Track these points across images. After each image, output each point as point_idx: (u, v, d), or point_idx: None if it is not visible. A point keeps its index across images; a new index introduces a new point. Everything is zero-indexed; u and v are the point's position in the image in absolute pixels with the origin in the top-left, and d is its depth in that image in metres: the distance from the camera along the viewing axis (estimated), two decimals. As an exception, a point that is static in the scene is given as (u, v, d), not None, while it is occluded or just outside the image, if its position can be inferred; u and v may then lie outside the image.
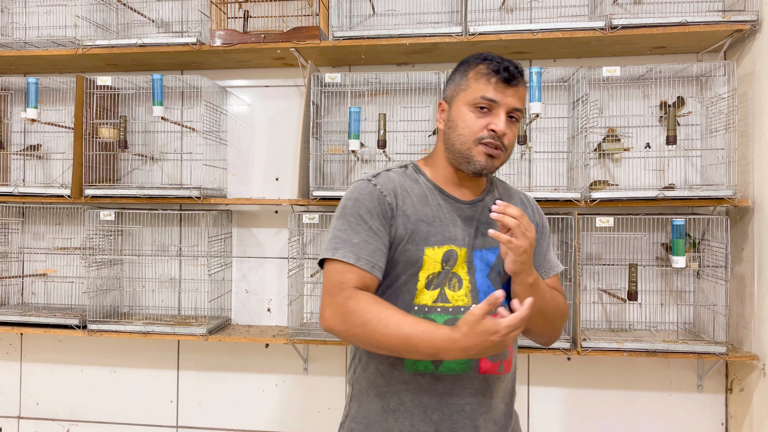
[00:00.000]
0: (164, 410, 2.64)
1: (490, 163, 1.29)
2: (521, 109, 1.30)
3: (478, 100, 1.27)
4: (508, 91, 1.27)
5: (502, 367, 1.33)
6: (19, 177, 2.74)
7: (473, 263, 1.32)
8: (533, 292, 1.25)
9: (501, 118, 1.26)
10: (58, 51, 2.41)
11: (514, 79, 1.28)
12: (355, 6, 2.51)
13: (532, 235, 1.21)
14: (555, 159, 2.42)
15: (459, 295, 1.30)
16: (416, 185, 1.36)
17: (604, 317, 2.39)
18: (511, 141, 1.30)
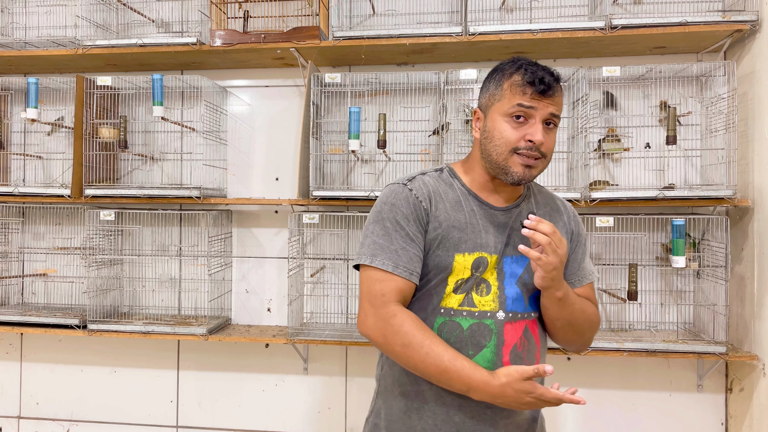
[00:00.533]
0: (164, 410, 2.65)
1: (528, 173, 1.28)
2: (558, 116, 1.29)
3: (515, 109, 1.27)
4: (545, 101, 1.27)
5: None
6: (19, 177, 2.74)
7: (503, 270, 1.32)
8: (562, 306, 1.28)
9: (538, 128, 1.26)
10: (58, 51, 2.42)
11: (548, 88, 1.26)
12: (355, 6, 2.51)
13: (563, 252, 1.22)
14: (555, 159, 2.42)
15: (486, 300, 1.30)
16: (451, 190, 1.36)
17: (604, 317, 2.39)
18: (550, 147, 1.29)
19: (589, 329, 1.37)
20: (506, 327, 1.30)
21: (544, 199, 1.44)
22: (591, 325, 1.37)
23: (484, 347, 1.28)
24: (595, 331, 1.39)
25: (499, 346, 1.29)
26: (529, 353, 1.33)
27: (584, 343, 1.40)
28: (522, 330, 1.32)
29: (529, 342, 1.33)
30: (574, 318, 1.32)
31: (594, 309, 1.39)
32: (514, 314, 1.31)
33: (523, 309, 1.33)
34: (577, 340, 1.38)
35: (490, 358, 1.28)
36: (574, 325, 1.33)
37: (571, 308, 1.30)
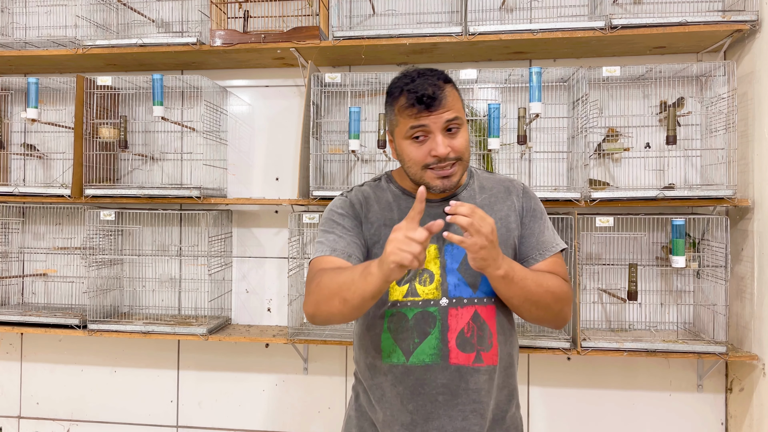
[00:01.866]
0: (164, 410, 2.65)
1: (448, 182, 1.32)
2: (454, 119, 1.30)
3: (411, 132, 1.30)
4: (435, 113, 1.29)
5: (479, 358, 1.33)
6: (19, 177, 2.74)
7: (444, 258, 1.35)
8: (509, 284, 1.26)
9: (438, 141, 1.28)
10: (58, 51, 2.42)
11: (433, 100, 1.28)
12: (355, 6, 2.51)
13: (488, 230, 1.18)
14: (555, 159, 2.42)
15: (429, 289, 1.34)
16: (384, 194, 1.44)
17: (604, 317, 2.39)
18: (462, 148, 1.31)
19: (554, 302, 1.33)
20: (450, 313, 1.33)
21: (489, 184, 1.45)
22: (556, 298, 1.33)
23: (429, 334, 1.32)
24: (564, 303, 1.35)
25: (444, 332, 1.32)
26: (481, 339, 1.33)
27: (555, 317, 1.36)
28: (470, 315, 1.33)
29: (480, 327, 1.33)
30: (531, 294, 1.29)
31: (557, 281, 1.35)
32: (458, 300, 1.33)
33: (470, 294, 1.34)
34: (545, 315, 1.34)
35: (436, 344, 1.32)
36: (533, 302, 1.30)
37: (522, 284, 1.27)
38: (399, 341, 1.35)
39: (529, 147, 2.35)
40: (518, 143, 2.23)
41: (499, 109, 2.18)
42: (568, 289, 1.38)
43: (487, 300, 1.35)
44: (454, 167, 1.31)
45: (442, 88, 1.30)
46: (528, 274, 1.30)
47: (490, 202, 1.42)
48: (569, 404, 2.42)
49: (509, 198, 1.43)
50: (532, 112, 2.11)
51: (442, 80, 1.31)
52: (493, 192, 1.44)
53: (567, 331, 2.22)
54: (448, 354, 1.32)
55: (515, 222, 1.41)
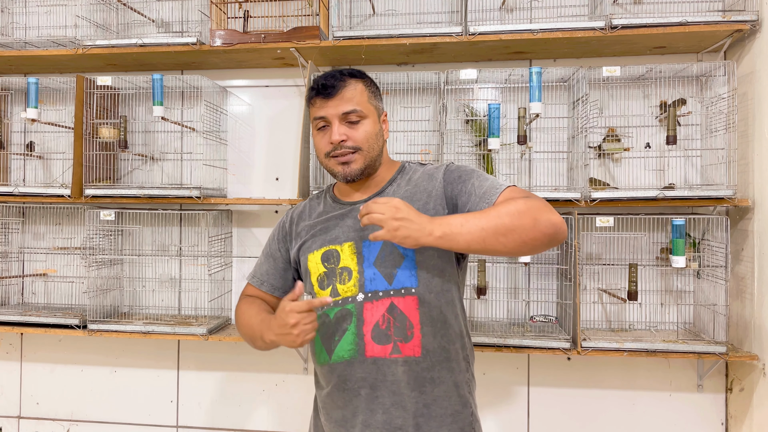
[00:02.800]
0: (164, 410, 2.65)
1: (348, 169, 1.39)
2: (352, 110, 1.37)
3: (315, 123, 1.42)
4: (331, 103, 1.38)
5: (396, 349, 1.32)
6: (19, 177, 2.74)
7: (362, 254, 1.37)
8: (456, 238, 1.19)
9: (334, 129, 1.37)
10: (58, 51, 2.41)
11: (331, 89, 1.37)
12: (355, 6, 2.51)
13: (390, 212, 1.19)
14: (555, 159, 2.42)
15: (348, 286, 1.37)
16: (319, 204, 1.53)
17: (604, 317, 2.39)
18: (360, 139, 1.38)
19: (518, 218, 1.20)
20: (366, 307, 1.34)
21: (416, 176, 1.46)
22: (517, 214, 1.21)
23: (347, 330, 1.35)
24: (534, 212, 1.21)
25: (359, 326, 1.33)
26: (399, 330, 1.32)
27: (533, 230, 1.21)
28: (386, 308, 1.33)
29: (396, 318, 1.32)
30: (486, 228, 1.19)
31: (511, 201, 1.24)
32: (374, 293, 1.34)
33: (386, 287, 1.34)
34: (521, 237, 1.21)
35: (352, 339, 1.34)
36: (497, 233, 1.20)
37: (470, 227, 1.19)
38: (324, 341, 1.39)
39: (529, 147, 2.35)
40: (518, 143, 2.23)
41: (499, 109, 2.18)
42: (529, 200, 1.24)
43: (405, 291, 1.34)
44: (354, 155, 1.38)
45: (343, 80, 1.38)
46: (470, 216, 1.22)
47: (411, 193, 1.41)
48: (569, 404, 2.42)
49: (432, 182, 1.41)
50: (532, 112, 2.11)
51: (347, 75, 1.40)
52: (418, 182, 1.43)
53: (567, 331, 2.22)
54: (365, 347, 1.32)
55: (435, 208, 1.36)
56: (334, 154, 1.39)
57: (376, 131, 1.42)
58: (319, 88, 1.38)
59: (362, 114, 1.39)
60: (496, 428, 2.45)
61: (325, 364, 1.39)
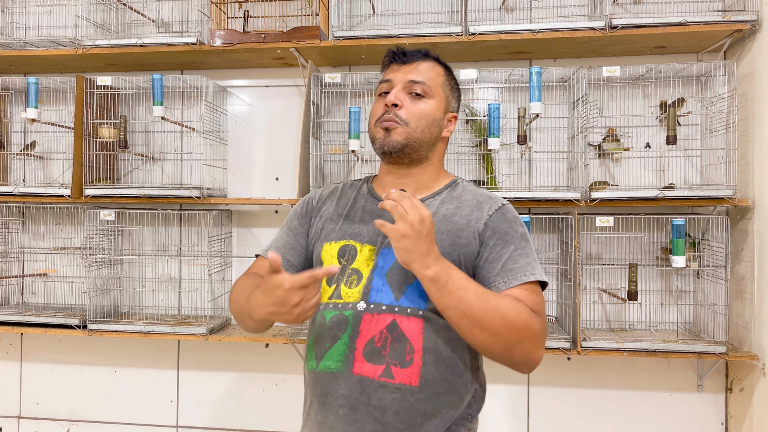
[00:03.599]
0: (164, 410, 2.65)
1: (388, 137, 1.26)
2: (420, 82, 1.29)
3: (380, 86, 1.33)
4: (402, 69, 1.30)
5: (389, 373, 1.17)
6: (19, 177, 2.74)
7: (377, 261, 1.24)
8: (440, 290, 1.09)
9: (393, 93, 1.28)
10: (58, 51, 2.41)
11: (407, 57, 1.31)
12: (355, 6, 2.51)
13: (415, 218, 1.07)
14: (555, 159, 2.42)
15: (353, 291, 1.23)
16: (352, 191, 1.39)
17: (604, 317, 2.39)
18: (413, 114, 1.27)
19: (507, 330, 1.09)
20: (364, 318, 1.20)
21: (466, 196, 1.30)
22: (509, 324, 1.09)
23: (339, 339, 1.21)
24: (524, 336, 1.10)
25: (353, 338, 1.19)
26: (395, 351, 1.17)
27: (509, 350, 1.11)
28: (386, 324, 1.18)
29: (395, 339, 1.17)
30: (471, 309, 1.08)
31: (518, 307, 1.11)
32: (376, 306, 1.20)
33: (391, 302, 1.20)
34: (494, 344, 1.10)
35: (343, 350, 1.19)
36: (475, 321, 1.08)
37: (459, 294, 1.08)
38: (315, 345, 1.25)
39: (529, 147, 2.35)
40: (518, 143, 2.23)
41: (499, 109, 2.18)
42: (533, 322, 1.11)
43: (411, 311, 1.19)
44: (399, 125, 1.26)
45: (420, 56, 1.32)
46: (471, 285, 1.10)
47: (452, 212, 1.27)
48: (569, 404, 2.42)
49: (476, 212, 1.26)
50: (532, 112, 2.11)
51: (434, 56, 1.33)
52: (464, 204, 1.28)
53: (567, 331, 2.22)
54: (353, 362, 1.17)
55: (468, 239, 1.22)
56: (384, 118, 1.27)
57: (435, 117, 1.29)
58: (398, 53, 1.34)
59: (428, 91, 1.29)
60: (496, 428, 2.45)
61: (312, 371, 1.24)
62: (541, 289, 1.21)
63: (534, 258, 1.22)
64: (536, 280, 1.19)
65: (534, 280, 1.18)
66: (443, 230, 1.23)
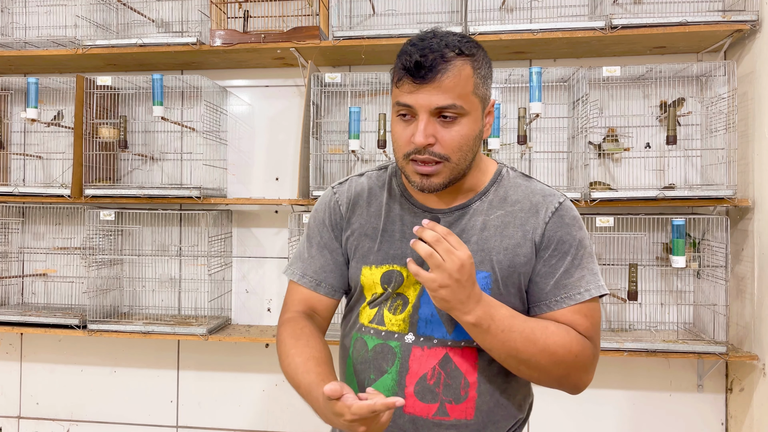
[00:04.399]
0: (164, 410, 2.64)
1: (428, 182, 1.06)
2: (450, 106, 1.01)
3: (397, 108, 1.06)
4: (424, 90, 1.01)
5: (443, 411, 1.09)
6: (19, 177, 2.74)
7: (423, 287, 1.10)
8: (483, 335, 1.02)
9: (420, 127, 1.02)
10: (58, 51, 2.41)
11: (428, 72, 1.00)
12: (355, 6, 2.51)
13: (453, 266, 0.96)
14: (555, 159, 2.42)
15: (397, 319, 1.12)
16: (382, 191, 1.20)
17: (604, 317, 2.39)
18: (451, 147, 1.03)
19: (553, 365, 1.03)
20: (414, 352, 1.10)
21: (516, 195, 1.14)
22: (556, 360, 1.03)
23: (386, 373, 1.11)
24: (572, 368, 1.05)
25: (402, 374, 1.10)
26: (450, 388, 1.09)
27: (557, 382, 1.07)
28: (438, 359, 1.09)
29: (449, 375, 1.09)
30: (515, 351, 1.02)
31: (566, 339, 1.04)
32: (427, 339, 1.10)
33: (443, 335, 1.10)
34: (540, 378, 1.06)
35: (391, 386, 1.10)
36: (521, 360, 1.03)
37: (503, 337, 1.01)
38: (357, 372, 1.16)
39: (529, 147, 2.35)
40: (518, 143, 2.23)
41: (499, 109, 2.18)
42: (584, 353, 1.05)
43: (465, 343, 1.09)
44: (437, 166, 1.04)
45: (446, 60, 1.00)
46: (517, 325, 1.02)
47: (504, 222, 1.11)
48: (569, 404, 2.42)
49: (532, 219, 1.11)
50: (532, 112, 2.11)
51: (454, 50, 1.01)
52: (516, 208, 1.12)
53: (567, 331, 2.22)
54: (405, 400, 1.09)
55: (527, 255, 1.10)
56: (414, 158, 1.05)
57: (475, 134, 1.06)
58: (413, 65, 1.00)
59: (462, 111, 1.03)
60: (496, 428, 2.45)
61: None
62: (598, 305, 1.11)
63: (591, 269, 1.10)
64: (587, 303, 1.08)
65: (588, 298, 1.08)
66: (499, 248, 1.09)
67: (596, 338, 1.09)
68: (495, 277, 1.09)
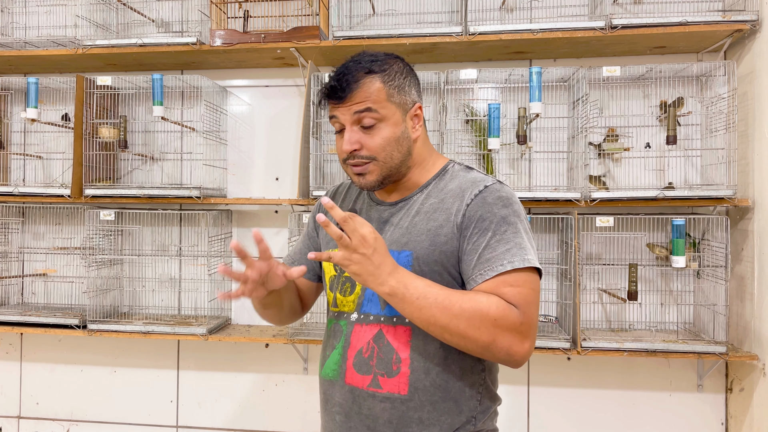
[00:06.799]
0: (164, 410, 2.64)
1: (363, 180, 1.22)
2: (365, 110, 1.18)
3: (331, 121, 1.25)
4: (343, 106, 1.20)
5: (376, 383, 1.18)
6: (19, 177, 2.74)
7: None
8: (400, 304, 1.09)
9: (345, 137, 1.20)
10: (58, 51, 2.41)
11: (341, 92, 1.19)
12: (355, 6, 2.51)
13: (357, 240, 1.06)
14: (555, 159, 2.42)
15: (348, 300, 1.26)
16: (355, 191, 1.40)
17: (604, 317, 2.39)
18: (375, 148, 1.19)
19: (474, 329, 1.07)
20: (355, 329, 1.22)
21: (452, 185, 1.24)
22: (478, 324, 1.07)
23: (335, 348, 1.25)
24: (498, 332, 1.07)
25: (345, 348, 1.23)
26: (382, 362, 1.18)
27: (483, 349, 1.09)
28: (372, 335, 1.20)
29: (381, 349, 1.19)
30: (435, 319, 1.07)
31: (488, 303, 1.07)
32: (366, 316, 1.22)
33: (379, 311, 1.21)
34: (467, 345, 1.09)
35: (337, 360, 1.24)
36: (441, 326, 1.08)
37: (420, 304, 1.08)
38: (321, 352, 1.32)
39: (529, 147, 2.35)
40: (518, 143, 2.23)
41: (499, 109, 2.18)
42: (504, 315, 1.07)
43: (397, 320, 1.19)
44: (366, 165, 1.20)
45: (356, 79, 1.19)
46: (432, 293, 1.08)
47: (433, 208, 1.22)
48: (569, 404, 2.42)
49: (457, 202, 1.20)
50: (532, 112, 2.11)
51: (364, 70, 1.20)
52: (447, 195, 1.22)
53: (567, 331, 2.22)
54: (345, 372, 1.22)
55: (447, 235, 1.18)
56: (349, 163, 1.22)
57: (396, 135, 1.21)
58: (329, 90, 1.21)
59: (379, 116, 1.19)
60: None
61: (319, 376, 1.31)
62: (529, 276, 1.12)
63: (517, 243, 1.13)
64: (516, 268, 1.11)
65: (512, 268, 1.10)
66: (424, 229, 1.20)
67: (526, 307, 1.10)
68: (416, 255, 1.18)
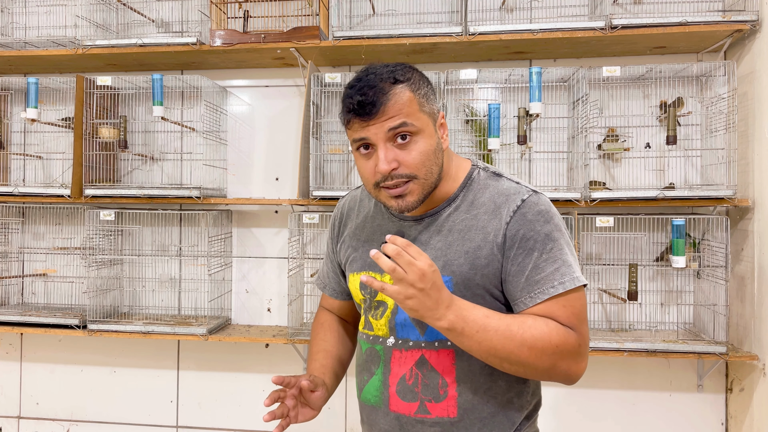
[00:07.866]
0: (164, 410, 2.64)
1: (403, 202, 1.10)
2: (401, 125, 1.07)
3: (355, 145, 1.12)
4: (374, 123, 1.07)
5: (424, 409, 1.14)
6: (19, 177, 2.74)
7: None
8: (459, 338, 1.04)
9: (380, 156, 1.08)
10: (58, 51, 2.41)
11: (371, 107, 1.07)
12: (355, 6, 2.51)
13: (414, 277, 0.98)
14: (555, 159, 2.42)
15: (380, 324, 1.20)
16: (370, 202, 1.29)
17: (604, 317, 2.39)
18: (414, 164, 1.08)
19: (536, 358, 1.04)
20: (394, 355, 1.17)
21: (484, 197, 1.16)
22: (538, 352, 1.04)
23: (374, 374, 1.20)
24: (558, 357, 1.05)
25: (386, 375, 1.18)
26: (428, 387, 1.14)
27: (545, 374, 1.08)
28: (414, 361, 1.15)
29: (426, 375, 1.14)
30: (495, 349, 1.03)
31: (546, 330, 1.05)
32: (404, 341, 1.16)
33: (417, 337, 1.15)
34: (527, 372, 1.07)
35: (378, 386, 1.19)
36: (502, 358, 1.04)
37: (480, 337, 1.03)
38: (357, 375, 1.26)
39: (529, 147, 2.35)
40: (518, 143, 2.23)
41: (499, 109, 2.18)
42: (564, 340, 1.06)
43: (439, 344, 1.14)
44: (408, 185, 1.09)
45: (385, 90, 1.08)
46: (492, 324, 1.03)
47: (467, 226, 1.14)
48: (569, 404, 2.42)
49: (494, 221, 1.12)
50: (532, 112, 2.11)
51: (389, 80, 1.09)
52: (480, 211, 1.15)
53: (567, 331, 2.22)
54: (389, 399, 1.17)
55: (488, 257, 1.11)
56: (385, 185, 1.10)
57: (433, 148, 1.11)
58: (356, 107, 1.08)
59: (414, 129, 1.08)
60: (496, 428, 2.45)
61: (359, 400, 1.26)
62: (578, 293, 1.10)
63: (564, 260, 1.09)
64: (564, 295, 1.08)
65: (563, 291, 1.07)
66: (461, 251, 1.12)
67: (580, 326, 1.09)
68: (456, 281, 1.11)
